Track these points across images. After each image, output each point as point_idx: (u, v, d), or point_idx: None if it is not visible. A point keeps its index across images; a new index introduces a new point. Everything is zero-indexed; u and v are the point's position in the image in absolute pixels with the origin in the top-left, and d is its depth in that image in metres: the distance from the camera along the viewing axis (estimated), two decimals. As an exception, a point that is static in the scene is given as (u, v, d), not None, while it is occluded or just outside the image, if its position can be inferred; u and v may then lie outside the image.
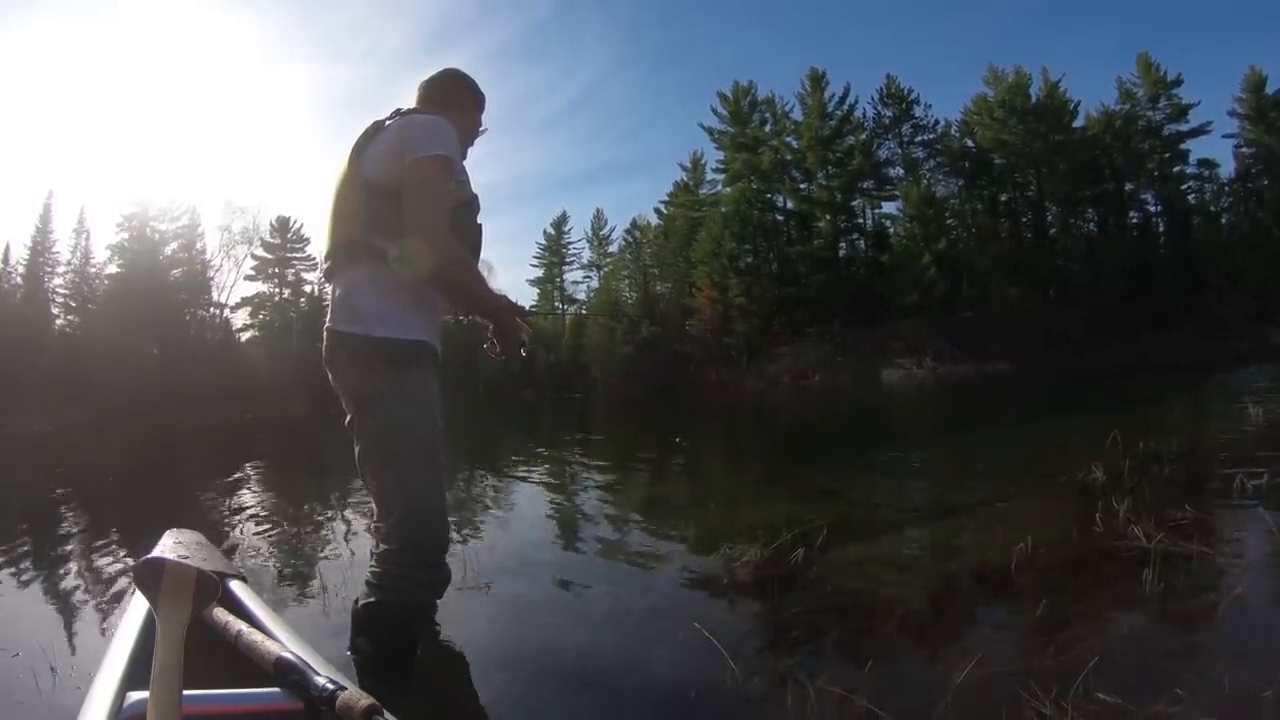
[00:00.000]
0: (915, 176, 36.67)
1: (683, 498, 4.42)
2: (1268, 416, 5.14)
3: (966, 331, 30.03)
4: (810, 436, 8.97)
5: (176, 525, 1.73)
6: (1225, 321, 27.65)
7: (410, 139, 1.64)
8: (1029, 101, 35.45)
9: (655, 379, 32.24)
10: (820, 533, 2.63)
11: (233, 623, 1.21)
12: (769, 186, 38.02)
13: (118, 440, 15.18)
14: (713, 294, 35.93)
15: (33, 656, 1.88)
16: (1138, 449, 3.81)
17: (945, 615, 2.00)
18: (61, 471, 9.03)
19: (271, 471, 8.04)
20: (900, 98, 38.12)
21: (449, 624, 2.01)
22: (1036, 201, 36.89)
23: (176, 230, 35.85)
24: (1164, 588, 1.95)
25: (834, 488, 4.08)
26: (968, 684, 1.48)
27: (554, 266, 48.10)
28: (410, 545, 1.63)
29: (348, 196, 1.71)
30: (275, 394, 27.62)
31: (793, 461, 6.11)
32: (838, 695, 1.47)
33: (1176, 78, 34.70)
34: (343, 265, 1.71)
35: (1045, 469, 3.89)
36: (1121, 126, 35.20)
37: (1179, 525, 2.49)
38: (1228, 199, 36.19)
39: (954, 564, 2.44)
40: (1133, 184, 36.08)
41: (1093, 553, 2.40)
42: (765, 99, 38.73)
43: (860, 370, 29.25)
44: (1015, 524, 2.70)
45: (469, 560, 2.71)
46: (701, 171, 41.70)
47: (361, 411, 1.69)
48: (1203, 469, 3.67)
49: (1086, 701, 1.36)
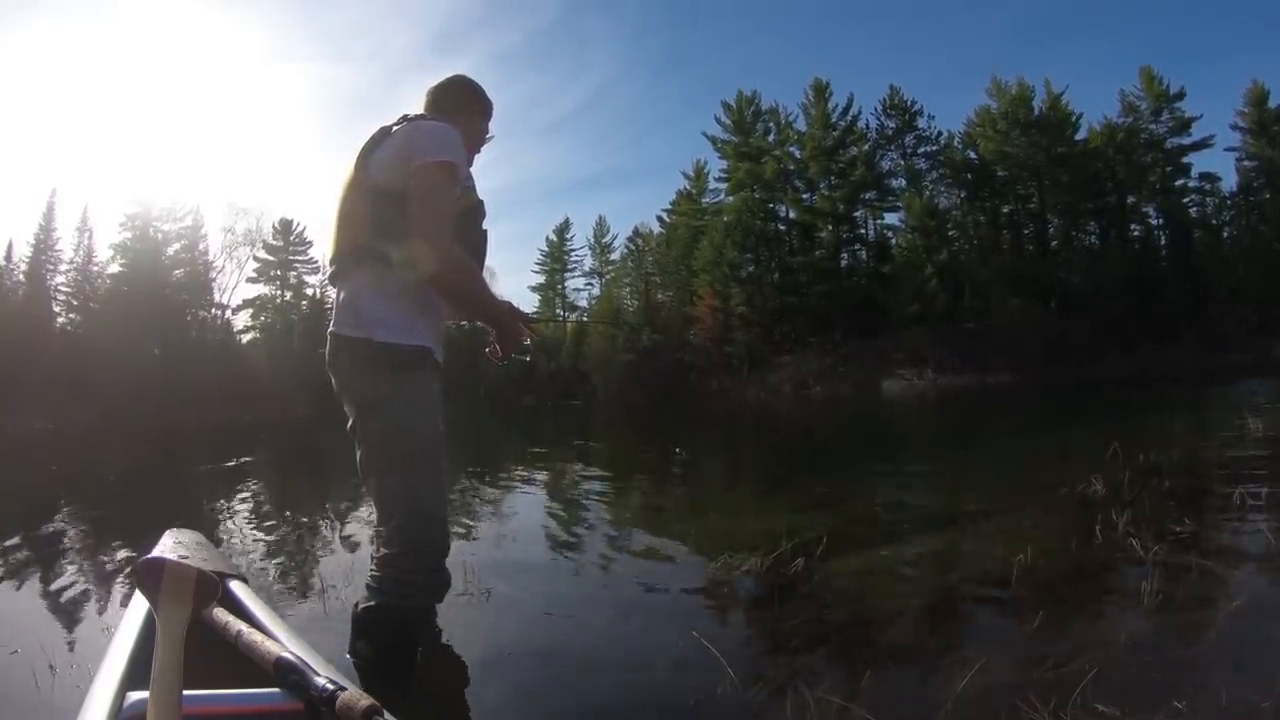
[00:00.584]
0: (917, 187, 36.81)
1: (683, 506, 4.41)
2: (1267, 430, 5.14)
3: (968, 343, 30.04)
4: (811, 446, 8.96)
5: (176, 525, 1.73)
6: (1226, 334, 27.68)
7: (416, 144, 1.65)
8: (1031, 114, 35.61)
9: (656, 387, 32.20)
10: (820, 542, 2.62)
11: (233, 623, 1.22)
12: (771, 196, 38.14)
13: (118, 440, 15.18)
14: (714, 303, 35.97)
15: (32, 656, 1.88)
16: (1138, 461, 3.81)
17: (944, 625, 2.00)
18: (62, 471, 9.03)
19: (272, 473, 8.04)
20: (903, 109, 38.30)
21: (449, 628, 2.01)
22: (1038, 213, 37.00)
23: (179, 231, 36.04)
24: (1163, 599, 1.95)
25: (834, 497, 4.07)
26: (967, 694, 1.48)
27: (556, 273, 48.24)
28: (411, 549, 1.64)
29: (353, 201, 1.72)
30: (276, 396, 27.69)
31: (793, 471, 6.10)
32: (837, 705, 1.47)
33: (1179, 91, 34.95)
34: (347, 269, 1.72)
35: (1045, 480, 3.88)
36: (1124, 139, 35.34)
37: (1178, 537, 2.49)
38: (1229, 212, 36.33)
39: (953, 574, 2.44)
40: (1135, 196, 36.21)
41: (1092, 564, 2.40)
42: (769, 109, 39.03)
43: (861, 381, 29.24)
44: (1015, 535, 2.70)
45: (469, 565, 2.70)
46: (704, 180, 41.89)
47: (364, 415, 1.69)
48: (1202, 482, 3.67)
49: (1085, 712, 1.36)
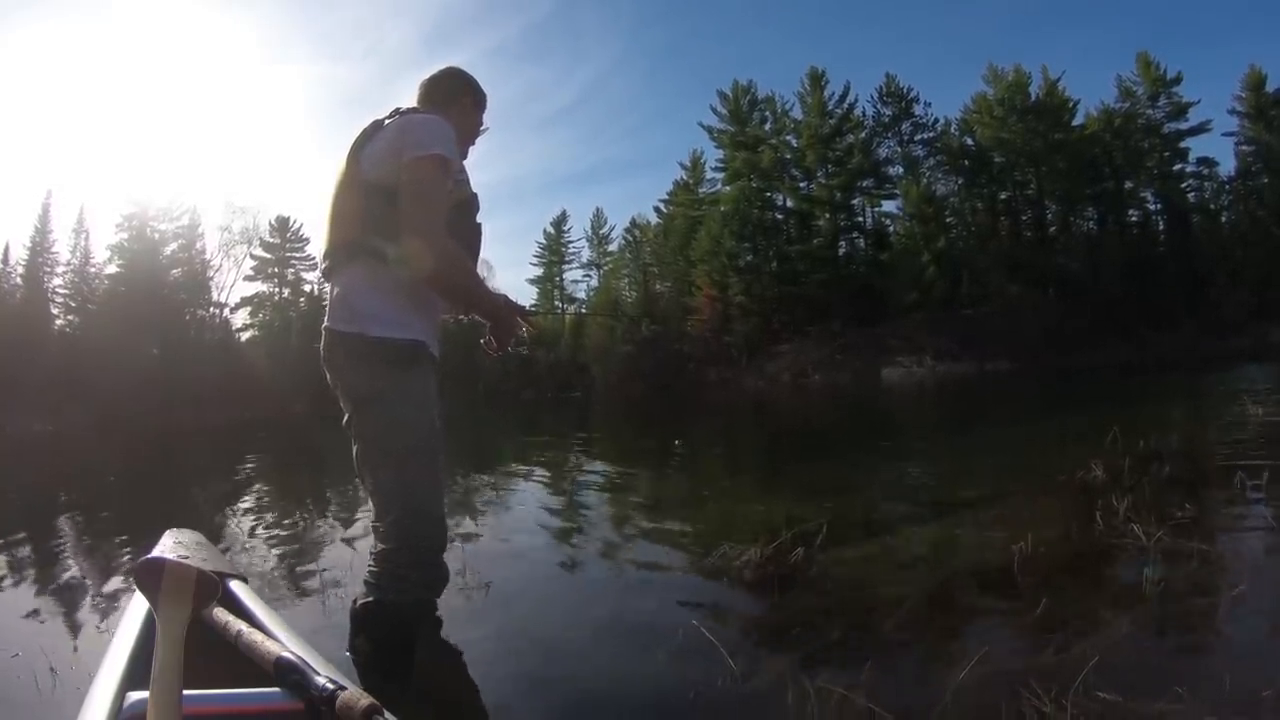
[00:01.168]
0: (915, 175, 36.67)
1: (682, 496, 4.42)
2: (1267, 415, 5.15)
3: (966, 330, 30.01)
4: (810, 435, 8.97)
5: (176, 525, 1.73)
6: (1225, 319, 27.67)
7: (407, 138, 1.64)
8: (1028, 100, 35.44)
9: (655, 378, 32.21)
10: (820, 531, 2.62)
11: (233, 623, 1.21)
12: (769, 185, 38.00)
13: (117, 440, 15.18)
14: (712, 293, 35.93)
15: (33, 656, 1.88)
16: (1137, 447, 3.81)
17: (945, 614, 2.00)
18: (61, 471, 9.03)
19: (271, 471, 8.05)
20: (900, 96, 38.11)
21: (448, 623, 2.01)
22: (1036, 199, 36.89)
23: (176, 230, 35.87)
24: (1164, 586, 1.95)
25: (834, 486, 4.08)
26: (968, 683, 1.48)
27: (554, 265, 48.08)
28: (408, 545, 1.63)
29: (346, 196, 1.71)
30: (275, 394, 27.66)
31: (792, 460, 6.11)
32: (837, 694, 1.47)
33: (1176, 76, 34.78)
34: (341, 265, 1.71)
35: (1045, 467, 3.89)
36: (1121, 124, 35.22)
37: (1179, 523, 2.48)
38: (1227, 197, 36.23)
39: (954, 562, 2.44)
40: (1132, 182, 36.12)
41: (1093, 551, 2.40)
42: (765, 98, 38.77)
43: (860, 369, 29.25)
44: (1015, 522, 2.70)
45: (468, 559, 2.71)
46: (701, 170, 41.72)
47: (360, 411, 1.68)
48: (1202, 467, 3.67)
49: (1087, 700, 1.36)
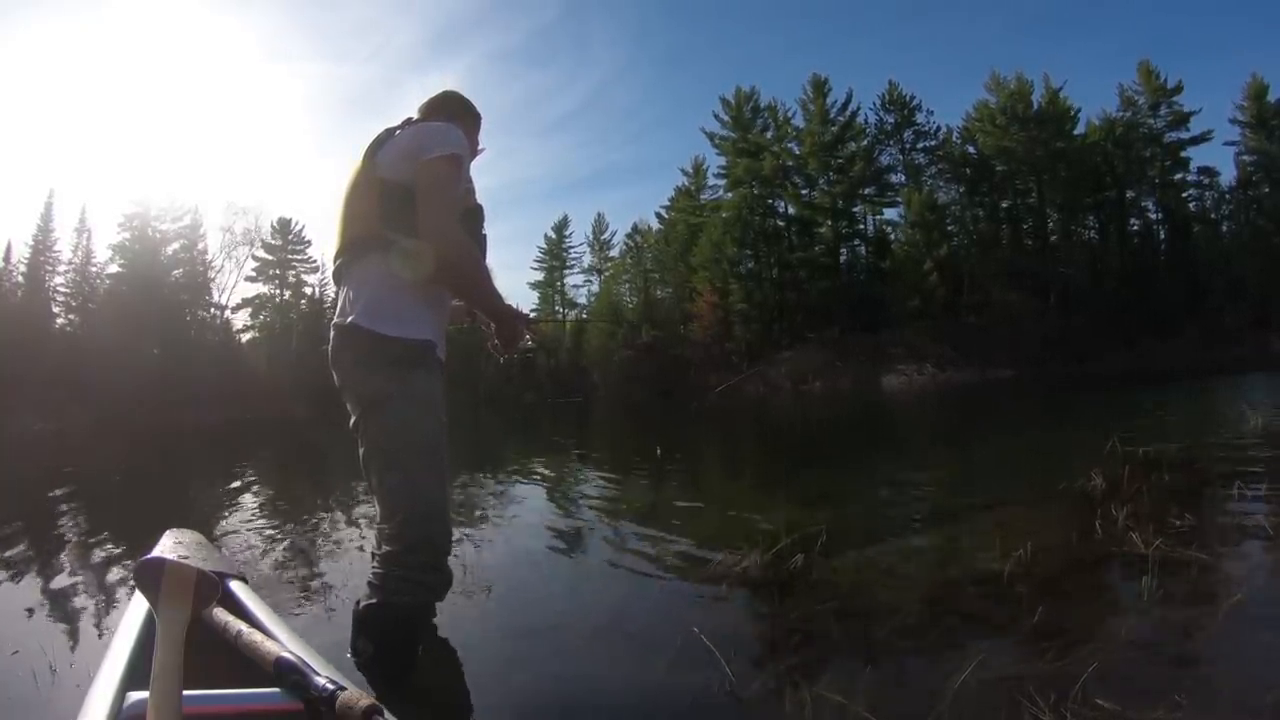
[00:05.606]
0: (917, 183, 36.77)
1: (682, 502, 4.41)
2: (1267, 424, 5.15)
3: (967, 338, 30.05)
4: (810, 442, 8.97)
5: (176, 525, 1.73)
6: (1226, 328, 27.69)
7: (424, 141, 1.71)
8: (1030, 108, 35.55)
9: (655, 383, 32.21)
10: (820, 538, 2.61)
11: (233, 623, 1.22)
12: (770, 192, 38.06)
13: (118, 440, 15.18)
14: (713, 299, 35.94)
15: (32, 656, 1.88)
16: (1137, 456, 3.81)
17: (944, 620, 2.00)
18: (62, 471, 9.02)
19: (272, 472, 8.04)
20: (902, 104, 38.24)
21: (449, 624, 2.01)
22: (1038, 208, 36.97)
23: (178, 230, 35.94)
24: (1163, 594, 1.95)
25: (833, 493, 4.07)
26: (966, 689, 1.48)
27: (555, 270, 48.17)
28: (413, 547, 1.64)
29: (361, 195, 1.75)
30: (275, 395, 27.69)
31: (792, 466, 6.10)
32: (836, 701, 1.47)
33: (1177, 85, 34.91)
34: (354, 262, 1.74)
35: (1044, 475, 3.88)
36: (1123, 134, 35.31)
37: (1178, 532, 2.49)
38: (1228, 206, 36.32)
39: (953, 569, 2.43)
40: (1134, 191, 36.21)
41: (1092, 559, 2.40)
42: (767, 105, 38.88)
43: (861, 376, 29.22)
44: (1014, 530, 2.70)
45: (470, 563, 2.71)
46: (703, 177, 41.84)
47: (367, 413, 1.69)
48: (1202, 476, 3.67)
49: (1085, 707, 1.36)
